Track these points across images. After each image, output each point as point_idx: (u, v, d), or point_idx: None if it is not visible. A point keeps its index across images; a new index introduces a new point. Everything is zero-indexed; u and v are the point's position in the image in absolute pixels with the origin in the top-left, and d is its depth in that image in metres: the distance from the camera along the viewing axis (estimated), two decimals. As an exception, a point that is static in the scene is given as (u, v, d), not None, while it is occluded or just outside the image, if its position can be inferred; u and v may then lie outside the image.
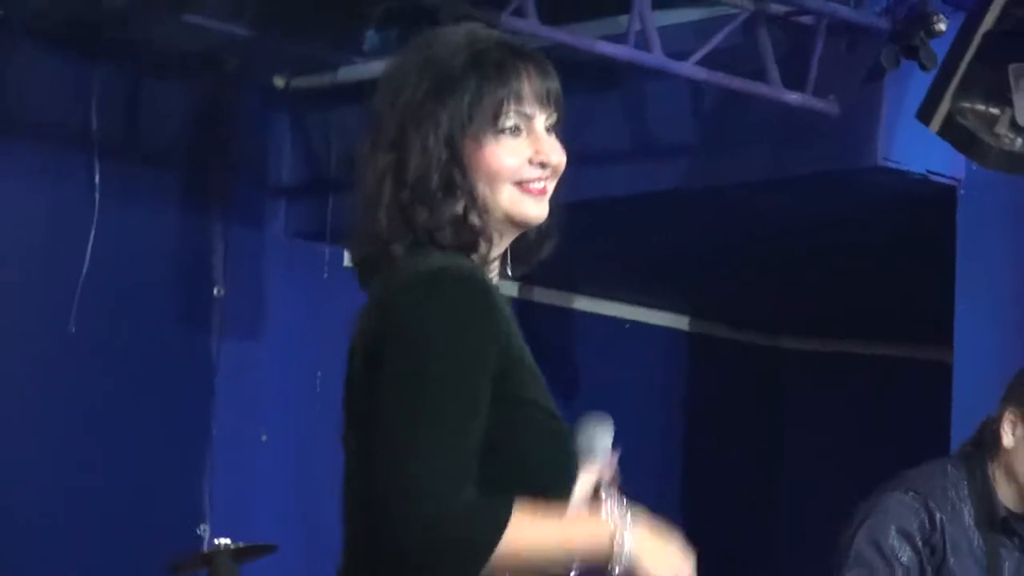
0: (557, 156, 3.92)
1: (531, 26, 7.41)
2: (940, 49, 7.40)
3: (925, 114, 6.96)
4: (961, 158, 7.30)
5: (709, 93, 8.26)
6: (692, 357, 10.46)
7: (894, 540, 5.84)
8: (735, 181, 8.47)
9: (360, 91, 8.35)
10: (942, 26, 7.48)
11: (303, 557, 8.64)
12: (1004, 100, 6.86)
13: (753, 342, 10.53)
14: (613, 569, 3.70)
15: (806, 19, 7.90)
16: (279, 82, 9.08)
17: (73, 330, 8.53)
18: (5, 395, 8.62)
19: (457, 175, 3.91)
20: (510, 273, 4.06)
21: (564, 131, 3.92)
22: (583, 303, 9.86)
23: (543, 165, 3.93)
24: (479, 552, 3.68)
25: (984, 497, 5.90)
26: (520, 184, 3.94)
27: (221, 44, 8.73)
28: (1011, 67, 6.87)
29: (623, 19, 7.63)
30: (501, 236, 3.99)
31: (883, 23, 7.79)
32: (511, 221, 3.97)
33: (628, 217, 8.63)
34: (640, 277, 9.74)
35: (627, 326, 10.09)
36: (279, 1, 8.53)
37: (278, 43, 8.86)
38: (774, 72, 7.85)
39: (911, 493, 5.88)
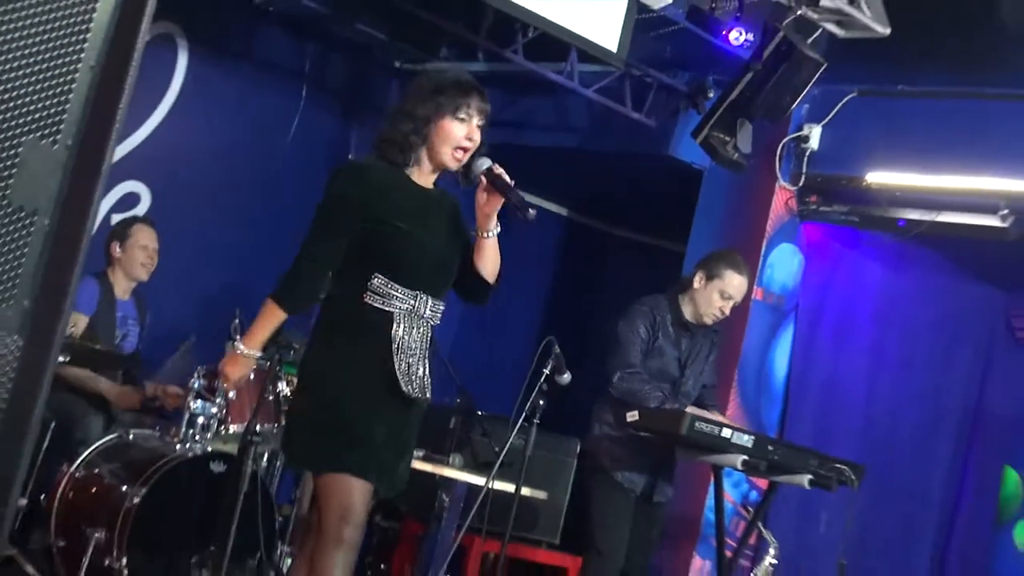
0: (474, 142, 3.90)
1: (518, 58, 7.31)
2: (708, 104, 7.31)
3: (696, 134, 6.72)
4: (707, 157, 6.95)
5: (597, 107, 7.99)
6: (567, 234, 10.01)
7: (638, 324, 5.79)
8: (606, 151, 8.29)
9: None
10: (711, 93, 7.49)
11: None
12: (733, 133, 6.60)
13: (596, 227, 10.00)
14: None
15: (649, 80, 7.76)
16: (397, 64, 8.68)
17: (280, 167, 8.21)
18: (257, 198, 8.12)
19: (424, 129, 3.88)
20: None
21: (534, 112, 3.77)
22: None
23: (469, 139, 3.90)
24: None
25: (675, 311, 5.89)
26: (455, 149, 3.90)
27: (372, 43, 8.40)
28: (738, 120, 6.57)
29: (563, 63, 7.45)
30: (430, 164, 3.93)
31: (684, 88, 7.79)
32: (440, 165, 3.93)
33: (549, 156, 8.37)
34: (547, 186, 9.29)
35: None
36: (405, 26, 8.04)
37: (399, 46, 8.48)
38: (628, 102, 7.81)
39: (645, 305, 5.86)
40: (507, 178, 3.89)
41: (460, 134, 3.89)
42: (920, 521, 8.13)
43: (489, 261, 4.03)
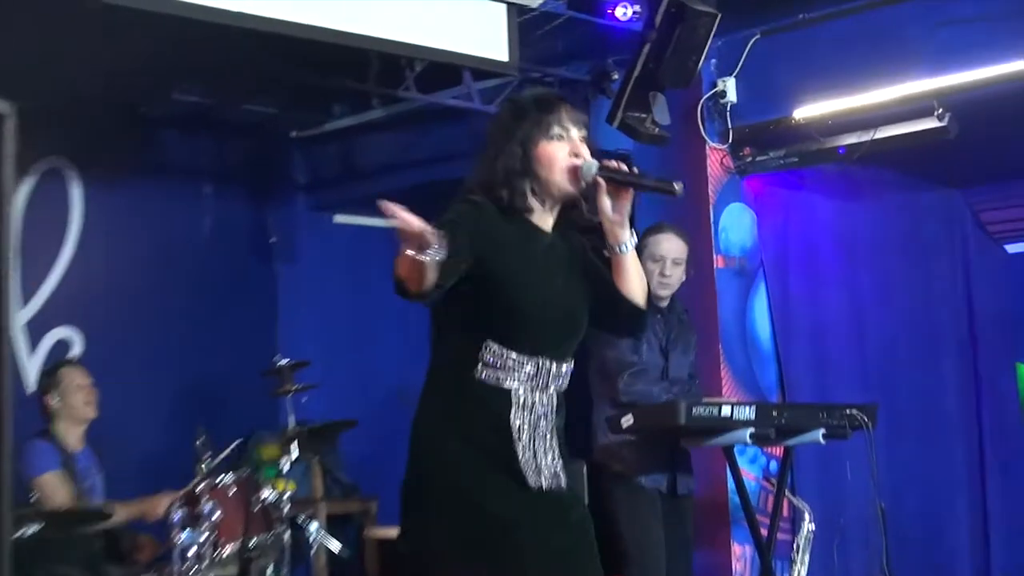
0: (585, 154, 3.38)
1: (413, 95, 7.11)
2: (615, 86, 6.89)
3: (610, 119, 6.56)
4: (628, 140, 6.71)
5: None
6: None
7: None
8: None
9: (335, 136, 8.39)
10: (615, 76, 7.13)
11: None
12: (647, 109, 6.48)
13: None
14: None
15: (549, 79, 7.44)
16: (294, 134, 8.47)
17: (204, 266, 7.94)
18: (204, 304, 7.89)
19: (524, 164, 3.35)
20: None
21: (446, 144, 3.53)
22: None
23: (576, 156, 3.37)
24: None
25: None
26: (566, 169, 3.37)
27: (263, 120, 8.16)
28: (649, 93, 6.47)
29: (459, 87, 7.23)
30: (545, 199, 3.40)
31: (587, 77, 7.51)
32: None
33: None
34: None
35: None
36: (291, 94, 7.95)
37: (291, 116, 8.25)
38: (535, 107, 7.67)
39: None
40: (625, 167, 3.39)
41: (564, 154, 3.36)
42: (947, 440, 7.85)
43: (635, 279, 3.48)
